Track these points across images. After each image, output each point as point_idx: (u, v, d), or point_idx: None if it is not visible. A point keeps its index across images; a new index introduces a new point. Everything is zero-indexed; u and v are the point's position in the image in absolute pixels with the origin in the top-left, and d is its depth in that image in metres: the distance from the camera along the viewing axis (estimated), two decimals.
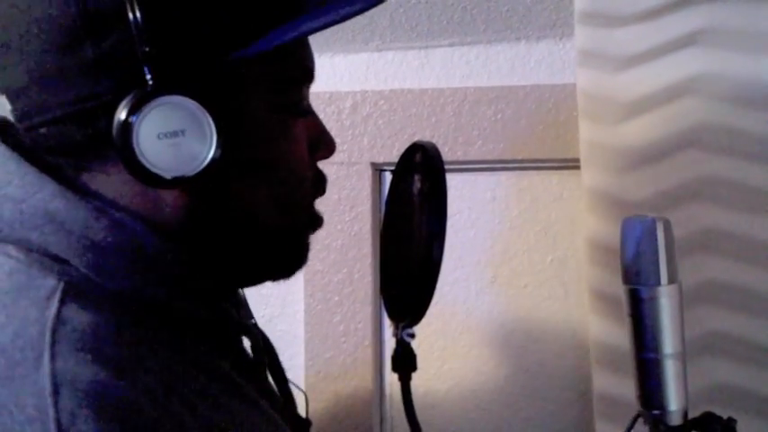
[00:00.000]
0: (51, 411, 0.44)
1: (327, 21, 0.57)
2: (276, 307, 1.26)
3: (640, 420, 0.70)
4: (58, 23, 0.51)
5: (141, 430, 0.47)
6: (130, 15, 0.49)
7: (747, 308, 0.96)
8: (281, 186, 0.62)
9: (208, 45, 0.54)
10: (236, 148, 0.55)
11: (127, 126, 0.50)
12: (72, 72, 0.52)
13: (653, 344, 0.69)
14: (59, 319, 0.48)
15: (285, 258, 0.66)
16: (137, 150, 0.50)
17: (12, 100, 0.56)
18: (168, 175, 0.51)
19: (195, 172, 0.52)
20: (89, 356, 0.47)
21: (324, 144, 0.68)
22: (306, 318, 1.22)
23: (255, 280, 0.67)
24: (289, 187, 0.62)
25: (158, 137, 0.50)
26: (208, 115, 0.52)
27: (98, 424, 0.44)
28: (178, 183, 0.52)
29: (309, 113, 0.66)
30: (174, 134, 0.51)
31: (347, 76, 1.24)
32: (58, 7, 0.51)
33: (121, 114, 0.50)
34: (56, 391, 0.44)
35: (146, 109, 0.50)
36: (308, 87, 0.66)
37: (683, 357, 0.70)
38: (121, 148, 0.50)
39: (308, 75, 0.65)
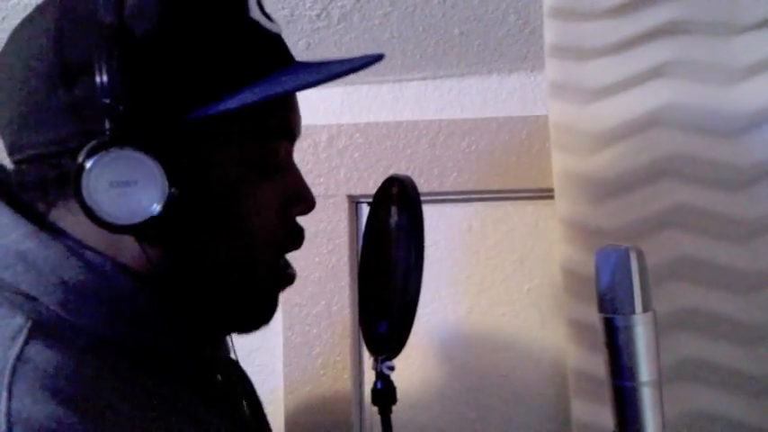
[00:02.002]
0: None
1: (287, 87, 0.59)
2: (255, 340, 1.25)
3: None
4: (38, 68, 0.55)
5: None
6: (96, 68, 0.52)
7: (720, 333, 0.97)
8: (243, 242, 0.62)
9: (168, 103, 0.55)
10: (194, 203, 0.56)
11: (80, 172, 0.51)
12: (45, 115, 0.54)
13: (629, 372, 0.69)
14: (21, 359, 0.49)
15: (248, 313, 0.66)
16: (87, 195, 0.52)
17: (2, 137, 0.59)
18: (115, 222, 0.53)
19: (141, 221, 0.53)
20: (47, 394, 0.48)
21: (302, 199, 0.68)
22: (285, 351, 1.22)
23: (220, 331, 0.68)
24: (250, 243, 0.63)
25: (111, 185, 0.52)
26: (160, 169, 0.53)
27: None
28: (125, 230, 0.53)
29: (287, 169, 0.67)
30: (126, 184, 0.53)
31: (322, 109, 1.25)
32: (39, 55, 0.55)
33: (78, 160, 0.51)
34: (9, 430, 0.45)
35: (100, 157, 0.51)
36: (286, 144, 0.67)
37: (660, 385, 0.70)
38: (75, 192, 0.52)
39: (284, 133, 0.66)
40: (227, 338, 0.74)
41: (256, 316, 0.67)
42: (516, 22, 1.10)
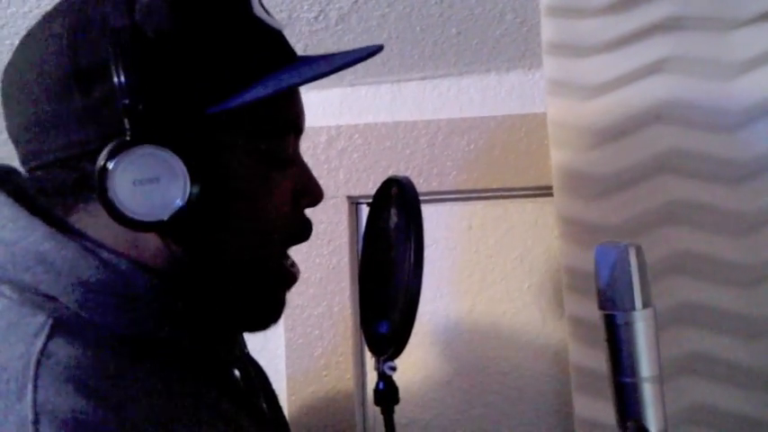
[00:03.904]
0: None
1: (299, 79, 0.60)
2: (257, 342, 1.25)
3: None
4: (52, 75, 0.55)
5: None
6: (113, 71, 0.53)
7: (720, 328, 0.97)
8: (258, 235, 0.63)
9: (185, 100, 0.57)
10: (214, 197, 0.58)
11: (103, 172, 0.53)
12: (63, 120, 0.55)
13: (630, 368, 0.69)
14: (44, 353, 0.51)
15: (258, 310, 0.68)
16: (112, 195, 0.53)
17: (16, 145, 0.60)
18: (141, 219, 0.54)
19: (166, 217, 0.54)
20: (71, 387, 0.49)
21: (310, 192, 0.70)
22: (287, 352, 1.22)
23: (232, 328, 0.69)
24: (266, 236, 0.64)
25: (134, 183, 0.53)
26: (182, 164, 0.54)
27: None
28: (150, 227, 0.55)
29: (295, 162, 0.68)
30: (149, 181, 0.54)
31: (321, 111, 1.25)
32: (53, 61, 0.55)
33: (101, 161, 0.53)
34: (36, 420, 0.47)
35: (122, 157, 0.53)
36: (295, 138, 0.68)
37: (661, 380, 0.71)
38: (99, 193, 0.53)
39: (291, 126, 0.67)
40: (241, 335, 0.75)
41: (266, 313, 0.68)
42: (513, 20, 1.10)
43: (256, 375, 0.76)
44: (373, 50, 0.63)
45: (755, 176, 0.97)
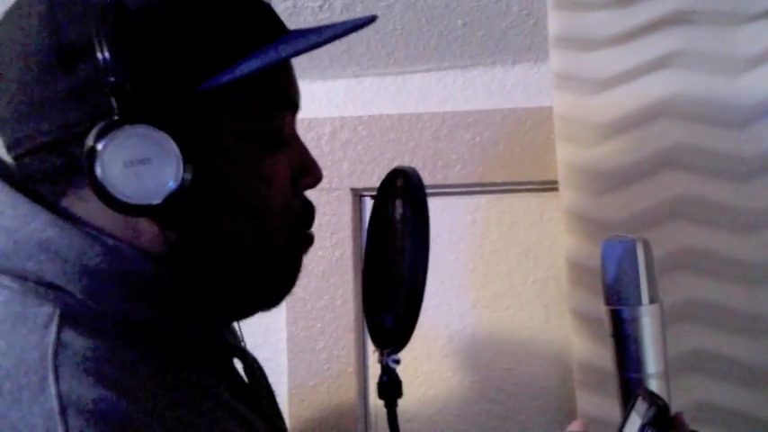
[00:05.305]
0: (61, 430, 0.45)
1: (291, 51, 0.58)
2: (259, 335, 1.25)
3: None
4: (34, 57, 0.54)
5: None
6: (98, 48, 0.51)
7: (726, 325, 0.96)
8: (257, 215, 0.62)
9: (174, 76, 0.55)
10: (208, 178, 0.56)
11: (92, 155, 0.51)
12: (48, 103, 0.54)
13: (636, 364, 0.69)
14: (59, 344, 0.50)
15: (270, 284, 0.66)
16: (100, 177, 0.51)
17: (1, 132, 0.58)
18: (132, 203, 0.52)
19: (160, 200, 0.53)
20: (91, 378, 0.48)
21: (309, 173, 0.68)
22: (288, 345, 1.22)
23: (244, 310, 0.67)
24: (265, 216, 0.63)
25: (124, 164, 0.52)
26: (174, 144, 0.53)
27: None
28: (143, 210, 0.53)
29: (293, 142, 0.67)
30: (140, 162, 0.52)
31: (326, 102, 1.24)
32: (35, 42, 0.54)
33: (89, 143, 0.51)
34: (63, 412, 0.46)
35: (110, 138, 0.51)
36: (291, 116, 0.66)
37: (667, 376, 0.70)
38: (88, 176, 0.51)
39: (286, 103, 0.65)
40: (237, 327, 0.74)
41: (280, 286, 0.67)
42: (520, 12, 1.09)
43: (256, 369, 0.75)
44: (364, 21, 0.61)
45: (762, 173, 0.97)
